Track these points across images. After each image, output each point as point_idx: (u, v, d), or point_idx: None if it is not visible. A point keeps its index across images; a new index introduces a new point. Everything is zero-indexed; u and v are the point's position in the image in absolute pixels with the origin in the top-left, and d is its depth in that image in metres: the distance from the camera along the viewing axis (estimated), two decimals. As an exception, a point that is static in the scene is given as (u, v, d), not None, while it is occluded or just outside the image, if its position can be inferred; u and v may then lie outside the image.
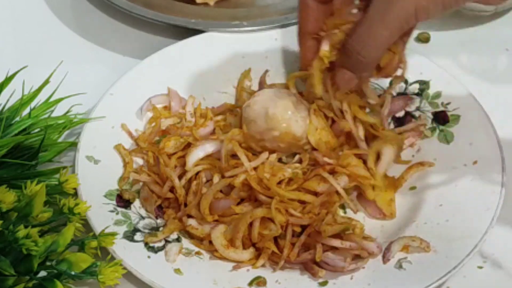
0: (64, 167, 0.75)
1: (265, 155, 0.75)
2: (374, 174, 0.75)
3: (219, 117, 0.81)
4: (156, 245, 0.72)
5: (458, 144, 0.79)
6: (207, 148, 0.76)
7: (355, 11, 0.73)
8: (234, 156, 0.75)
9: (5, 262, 0.65)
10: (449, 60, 0.89)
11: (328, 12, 0.75)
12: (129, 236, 0.72)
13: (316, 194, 0.74)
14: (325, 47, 0.73)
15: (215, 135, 0.78)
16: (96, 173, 0.76)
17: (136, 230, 0.73)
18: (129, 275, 0.69)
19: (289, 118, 0.75)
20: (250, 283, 0.70)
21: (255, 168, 0.74)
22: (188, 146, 0.77)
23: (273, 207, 0.71)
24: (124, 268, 0.68)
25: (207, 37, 0.88)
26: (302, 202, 0.73)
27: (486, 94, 0.82)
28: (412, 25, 0.72)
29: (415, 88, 0.83)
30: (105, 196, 0.75)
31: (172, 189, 0.75)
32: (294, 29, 0.88)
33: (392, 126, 0.81)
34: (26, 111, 0.79)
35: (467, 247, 0.70)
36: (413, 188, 0.77)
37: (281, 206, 0.72)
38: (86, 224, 0.71)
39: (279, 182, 0.73)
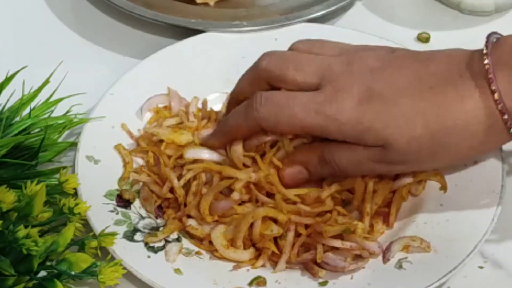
0: (64, 167, 0.75)
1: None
2: None
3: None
4: (156, 245, 0.72)
5: (458, 144, 0.79)
6: (209, 155, 0.76)
7: None
8: None
9: (5, 262, 0.65)
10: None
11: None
12: (129, 236, 0.72)
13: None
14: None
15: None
16: (96, 173, 0.76)
17: (136, 230, 0.73)
18: (129, 275, 0.69)
19: None
20: (250, 283, 0.70)
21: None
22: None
23: (278, 201, 0.71)
24: (124, 268, 0.68)
25: (207, 37, 0.88)
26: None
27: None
28: None
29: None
30: (105, 196, 0.75)
31: (172, 189, 0.75)
32: (294, 29, 0.88)
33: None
34: (26, 111, 0.79)
35: (468, 247, 0.70)
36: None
37: (284, 206, 0.72)
38: (86, 224, 0.71)
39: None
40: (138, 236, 0.72)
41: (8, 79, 0.79)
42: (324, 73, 0.71)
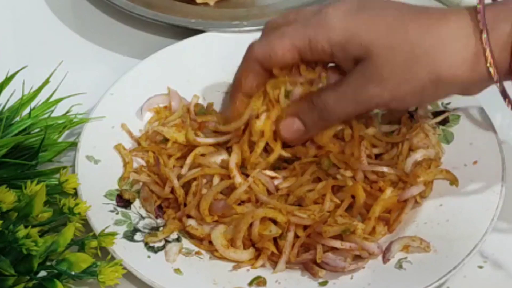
0: (64, 167, 0.75)
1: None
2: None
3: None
4: (156, 245, 0.72)
5: (458, 144, 0.79)
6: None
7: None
8: None
9: (5, 262, 0.65)
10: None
11: (266, 79, 0.75)
12: (129, 236, 0.72)
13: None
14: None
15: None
16: (96, 173, 0.76)
17: (136, 230, 0.73)
18: (129, 275, 0.69)
19: None
20: (250, 283, 0.70)
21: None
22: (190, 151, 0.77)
23: (274, 204, 0.71)
24: (124, 268, 0.68)
25: (207, 37, 0.88)
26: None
27: (486, 94, 0.82)
28: (383, 108, 0.75)
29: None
30: (105, 196, 0.75)
31: (172, 189, 0.75)
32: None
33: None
34: (26, 111, 0.79)
35: (467, 247, 0.70)
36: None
37: (283, 206, 0.72)
38: (86, 224, 0.71)
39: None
40: (138, 236, 0.73)
41: (8, 79, 0.79)
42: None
